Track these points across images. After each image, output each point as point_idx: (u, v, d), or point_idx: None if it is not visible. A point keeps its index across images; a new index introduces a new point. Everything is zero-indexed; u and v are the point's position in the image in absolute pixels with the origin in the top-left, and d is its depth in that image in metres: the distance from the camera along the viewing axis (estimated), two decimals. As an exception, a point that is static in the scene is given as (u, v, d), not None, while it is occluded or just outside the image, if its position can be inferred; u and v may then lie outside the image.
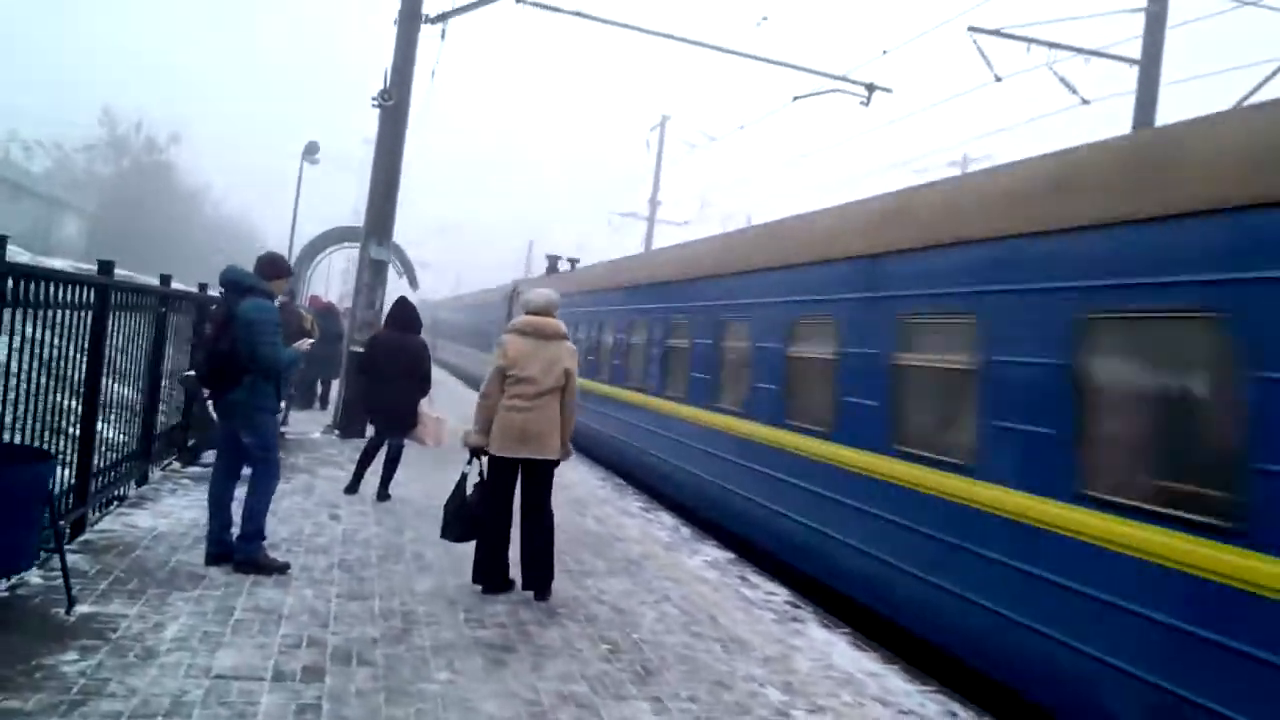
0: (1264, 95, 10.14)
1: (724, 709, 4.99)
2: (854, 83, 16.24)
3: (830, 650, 6.27)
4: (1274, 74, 10.34)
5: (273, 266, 6.81)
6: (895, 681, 5.80)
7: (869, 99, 16.45)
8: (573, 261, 23.11)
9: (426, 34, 14.49)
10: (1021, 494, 5.65)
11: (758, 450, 9.13)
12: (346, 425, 14.12)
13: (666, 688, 5.19)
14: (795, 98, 17.03)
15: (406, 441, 9.92)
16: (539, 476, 6.68)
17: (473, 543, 6.75)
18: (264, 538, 6.61)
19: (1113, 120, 17.22)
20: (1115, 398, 5.30)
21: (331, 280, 58.68)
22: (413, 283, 31.86)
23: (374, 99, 14.28)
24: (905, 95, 17.52)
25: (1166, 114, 13.23)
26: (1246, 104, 7.67)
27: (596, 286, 16.83)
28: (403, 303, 10.21)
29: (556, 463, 6.71)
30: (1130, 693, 4.74)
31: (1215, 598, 4.34)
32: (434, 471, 11.40)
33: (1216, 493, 4.47)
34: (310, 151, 32.76)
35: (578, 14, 15.53)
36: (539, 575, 6.64)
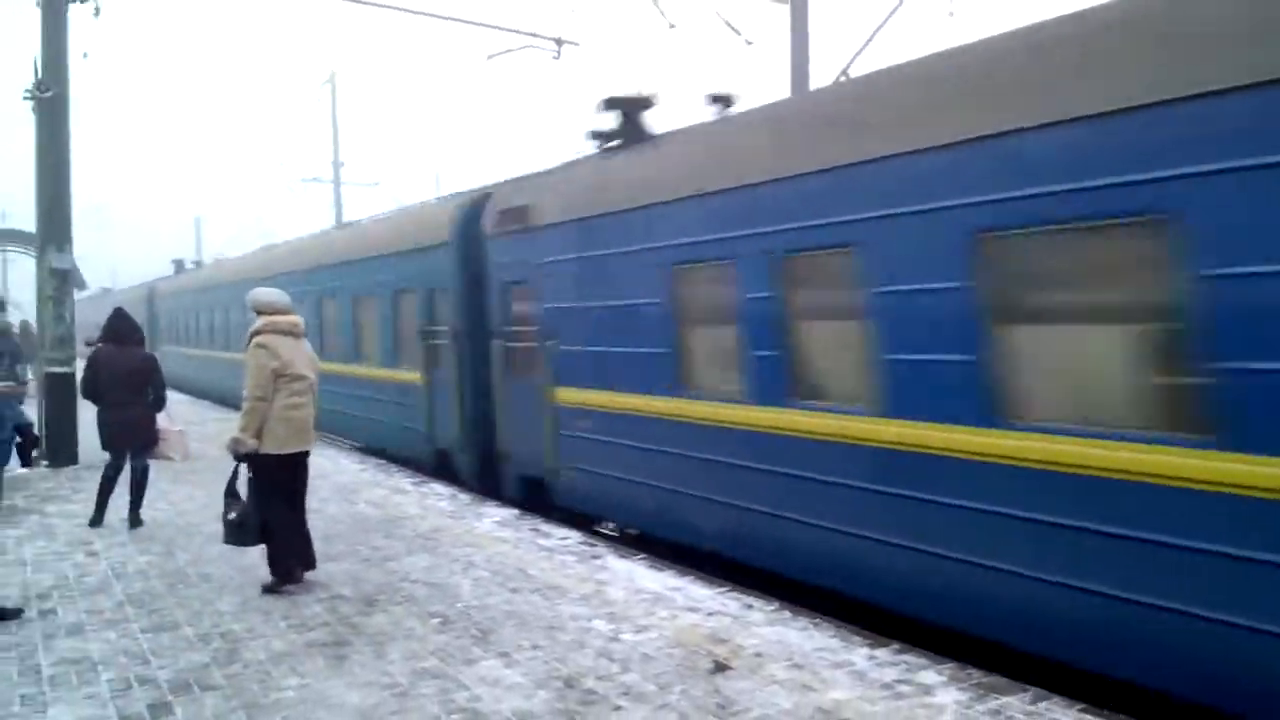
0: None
1: (564, 648, 5.49)
2: (544, 38, 16.72)
3: (634, 576, 6.93)
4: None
5: None
6: (696, 590, 6.58)
7: (559, 53, 17.04)
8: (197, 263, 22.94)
9: (76, 14, 13.07)
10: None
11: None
12: (55, 452, 12.82)
13: (508, 642, 5.60)
14: (489, 56, 17.29)
15: (149, 461, 9.35)
16: (303, 467, 7.07)
17: (259, 546, 6.91)
18: None
19: (777, 60, 18.99)
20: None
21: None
22: (79, 283, 28.66)
23: (27, 91, 12.76)
24: (593, 48, 18.33)
25: (820, 51, 14.89)
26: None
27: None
28: (121, 314, 9.50)
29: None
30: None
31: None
32: (175, 487, 10.84)
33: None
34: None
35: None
36: (310, 553, 7.08)
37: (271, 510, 6.75)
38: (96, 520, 9.09)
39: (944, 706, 4.47)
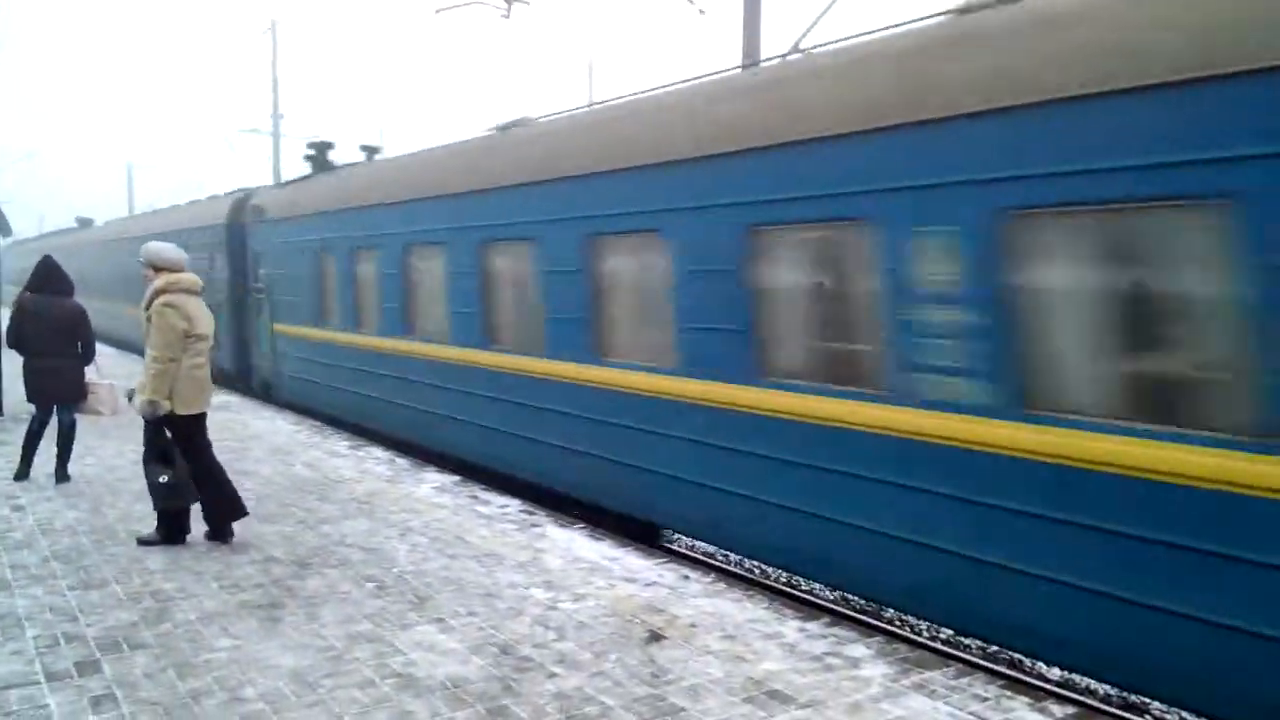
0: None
1: (501, 615, 5.52)
2: (494, -6, 16.49)
3: (571, 545, 6.98)
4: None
5: None
6: (634, 561, 6.65)
7: (509, 11, 16.86)
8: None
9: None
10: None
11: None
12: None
13: (444, 609, 5.61)
14: (437, 10, 17.04)
15: (77, 415, 9.10)
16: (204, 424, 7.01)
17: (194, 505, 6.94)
18: None
19: (729, 30, 18.94)
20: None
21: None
22: (3, 229, 27.55)
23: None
24: (544, 7, 18.20)
25: (772, 22, 14.93)
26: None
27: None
28: (49, 263, 9.18)
29: None
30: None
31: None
32: (103, 443, 10.59)
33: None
34: None
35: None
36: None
37: (201, 465, 6.77)
38: (21, 474, 8.85)
39: (871, 679, 4.62)
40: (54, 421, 8.82)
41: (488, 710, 4.29)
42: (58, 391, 8.83)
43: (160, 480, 6.70)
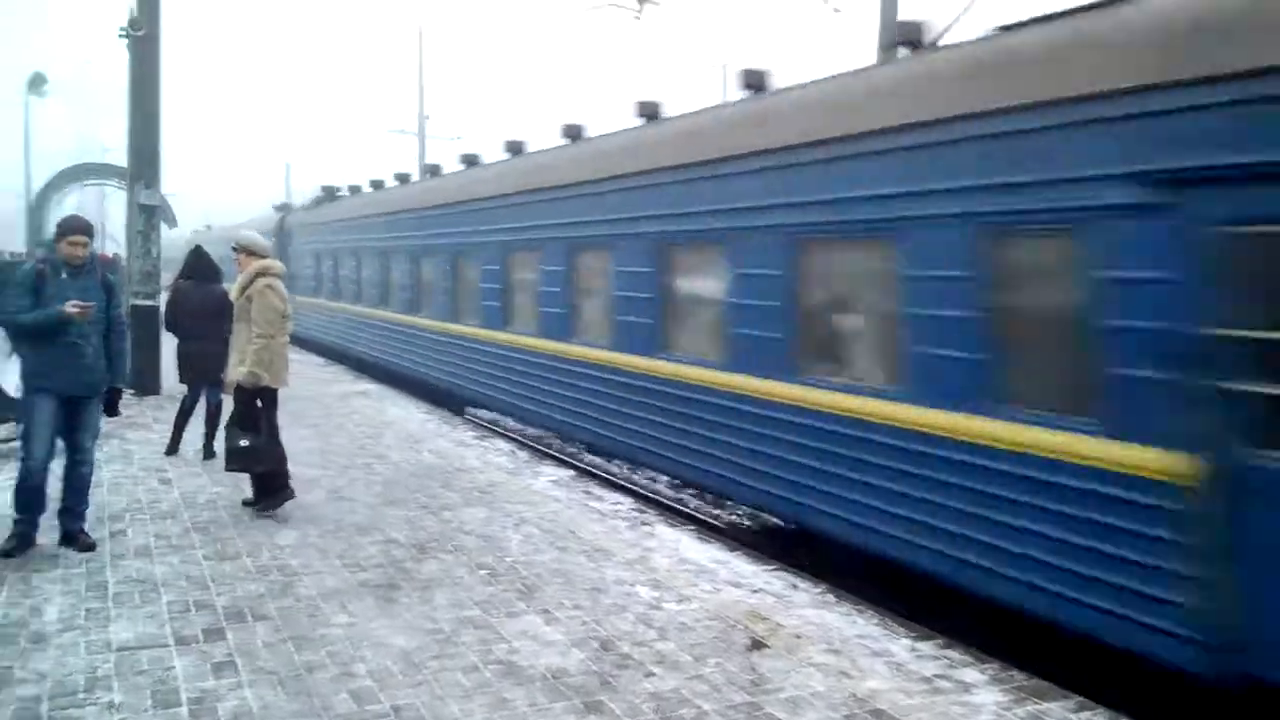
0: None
1: (605, 610, 5.54)
2: (625, -4, 16.68)
3: (679, 547, 6.94)
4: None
5: (56, 228, 6.53)
6: (742, 565, 6.56)
7: (640, 13, 17.00)
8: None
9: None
10: None
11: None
12: (140, 381, 13.34)
13: (550, 600, 5.67)
14: (573, 15, 17.38)
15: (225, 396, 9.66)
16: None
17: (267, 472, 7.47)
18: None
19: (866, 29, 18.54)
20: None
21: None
22: (170, 221, 29.67)
23: (121, 30, 13.16)
24: (675, 8, 18.31)
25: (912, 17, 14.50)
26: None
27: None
28: (200, 253, 9.82)
29: None
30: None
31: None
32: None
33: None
34: (37, 84, 29.27)
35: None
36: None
37: (276, 435, 7.41)
38: (172, 449, 9.45)
39: (982, 706, 4.40)
40: (203, 401, 9.39)
41: (585, 704, 4.30)
42: (205, 372, 9.39)
43: (241, 444, 7.26)
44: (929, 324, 5.85)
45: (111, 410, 6.55)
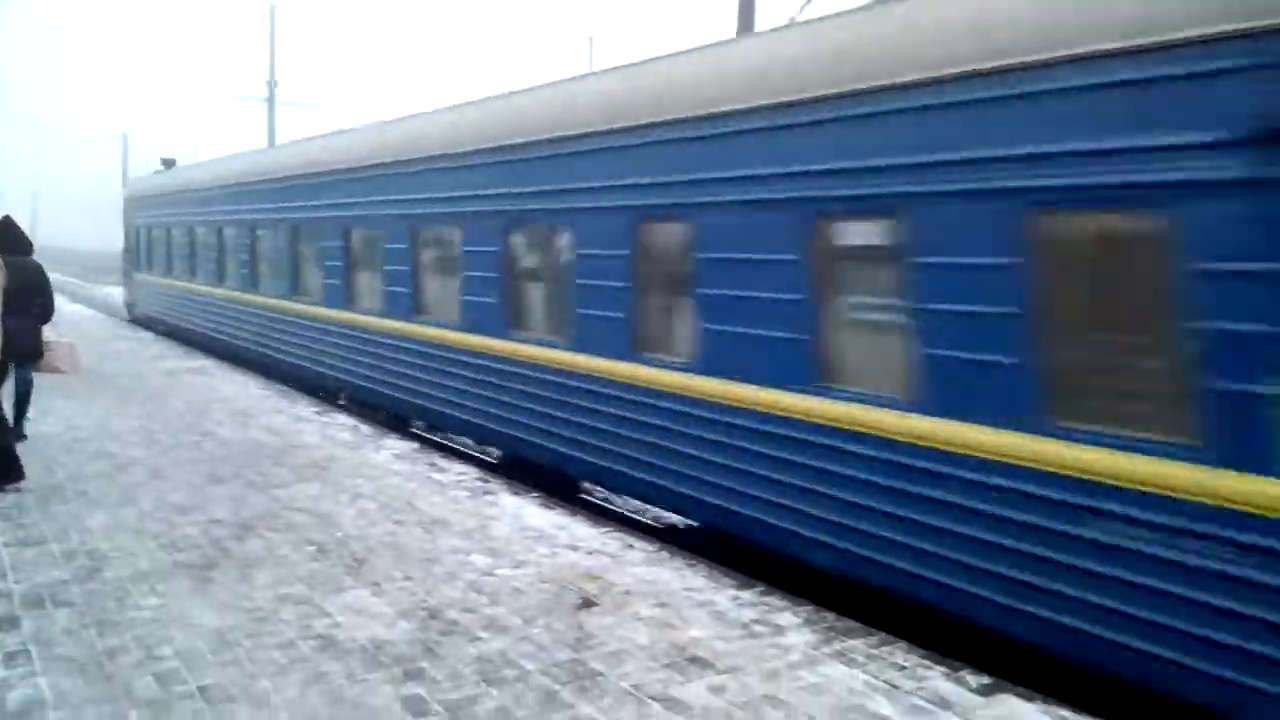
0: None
1: (436, 580, 5.49)
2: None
3: (522, 513, 6.94)
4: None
5: None
6: (581, 529, 6.61)
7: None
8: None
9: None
10: None
11: None
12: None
13: (380, 573, 5.58)
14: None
15: (34, 375, 9.04)
16: None
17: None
18: None
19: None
20: None
21: None
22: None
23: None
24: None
25: None
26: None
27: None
28: (9, 223, 9.08)
29: None
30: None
31: None
32: (64, 402, 10.53)
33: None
34: None
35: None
36: None
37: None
38: (-27, 433, 8.78)
39: (793, 646, 4.59)
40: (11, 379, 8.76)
41: (405, 672, 4.26)
42: (14, 350, 8.73)
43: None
44: (952, 321, 4.78)
45: None
